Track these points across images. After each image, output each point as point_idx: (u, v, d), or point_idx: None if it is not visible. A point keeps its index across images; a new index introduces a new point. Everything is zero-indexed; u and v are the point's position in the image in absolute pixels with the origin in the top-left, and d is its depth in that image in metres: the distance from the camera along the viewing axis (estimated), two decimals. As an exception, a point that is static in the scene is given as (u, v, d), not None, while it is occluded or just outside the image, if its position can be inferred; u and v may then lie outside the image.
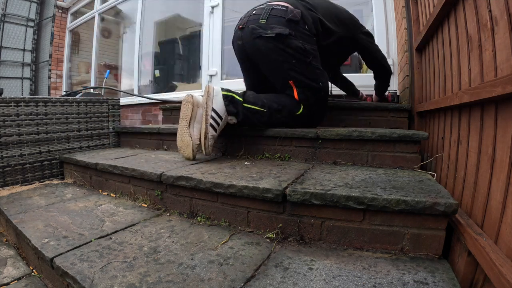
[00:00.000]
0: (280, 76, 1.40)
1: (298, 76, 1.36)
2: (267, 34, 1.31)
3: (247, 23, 1.40)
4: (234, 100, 1.32)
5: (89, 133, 1.95)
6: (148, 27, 3.66)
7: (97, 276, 0.70)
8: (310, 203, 0.86)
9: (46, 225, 1.03)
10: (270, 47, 1.33)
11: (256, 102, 1.35)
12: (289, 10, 1.35)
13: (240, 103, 1.32)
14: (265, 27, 1.33)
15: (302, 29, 1.35)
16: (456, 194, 0.91)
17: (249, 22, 1.39)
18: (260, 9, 1.40)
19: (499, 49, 0.67)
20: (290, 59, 1.33)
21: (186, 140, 1.34)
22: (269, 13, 1.35)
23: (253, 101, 1.35)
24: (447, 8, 1.06)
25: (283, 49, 1.32)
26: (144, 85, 3.71)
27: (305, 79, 1.37)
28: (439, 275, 0.69)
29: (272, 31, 1.31)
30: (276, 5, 1.38)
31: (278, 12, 1.35)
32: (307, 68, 1.36)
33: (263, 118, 1.36)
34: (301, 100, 1.39)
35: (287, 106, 1.39)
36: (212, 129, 1.27)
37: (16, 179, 1.61)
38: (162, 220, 1.08)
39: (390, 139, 1.19)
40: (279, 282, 0.68)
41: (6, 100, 1.56)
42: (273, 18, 1.34)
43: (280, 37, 1.30)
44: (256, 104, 1.34)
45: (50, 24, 4.63)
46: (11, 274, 0.91)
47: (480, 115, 0.78)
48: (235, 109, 1.31)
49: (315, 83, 1.38)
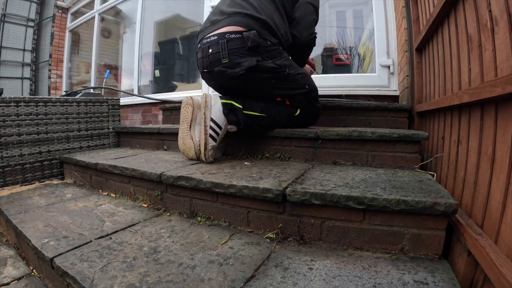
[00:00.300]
0: (267, 96, 1.38)
1: (283, 91, 1.35)
2: (238, 73, 1.25)
3: (210, 65, 1.33)
4: (234, 107, 1.30)
5: (89, 133, 1.95)
6: (148, 27, 3.66)
7: (97, 276, 0.70)
8: (310, 203, 0.86)
9: (46, 225, 1.03)
10: (246, 80, 1.29)
11: (255, 108, 1.33)
12: (245, 36, 1.25)
13: (240, 110, 1.30)
14: (231, 65, 1.27)
15: (266, 48, 1.28)
16: (456, 194, 0.91)
17: (211, 64, 1.32)
18: (214, 45, 1.29)
19: (499, 49, 0.67)
20: (269, 81, 1.31)
21: (188, 143, 1.33)
22: (227, 47, 1.26)
23: (252, 107, 1.33)
24: (447, 8, 1.06)
25: (259, 77, 1.29)
26: (144, 85, 3.71)
27: (291, 91, 1.36)
28: (439, 275, 0.69)
29: (240, 68, 1.25)
30: (229, 34, 1.26)
31: (235, 43, 1.26)
32: (288, 80, 1.33)
33: (263, 122, 1.35)
34: (295, 106, 1.40)
35: (285, 109, 1.40)
36: (211, 140, 1.26)
37: (16, 179, 1.61)
38: (162, 220, 1.08)
39: (390, 139, 1.19)
40: (279, 282, 0.68)
41: (6, 100, 1.56)
42: (233, 52, 1.26)
43: (250, 70, 1.25)
44: (256, 110, 1.33)
45: (50, 24, 4.63)
46: (11, 274, 0.91)
47: (480, 115, 0.78)
48: (236, 117, 1.30)
49: (302, 89, 1.37)
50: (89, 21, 4.50)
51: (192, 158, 1.38)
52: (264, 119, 1.35)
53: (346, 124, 1.80)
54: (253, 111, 1.32)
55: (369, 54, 2.40)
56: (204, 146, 1.26)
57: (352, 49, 2.60)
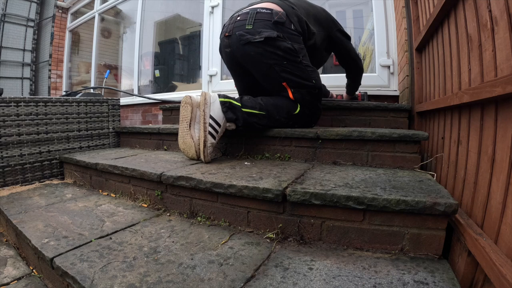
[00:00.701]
0: (273, 79, 1.39)
1: (291, 76, 1.35)
2: (255, 39, 1.30)
3: (233, 30, 1.38)
4: (232, 105, 1.31)
5: (89, 133, 1.95)
6: (148, 27, 3.67)
7: (97, 276, 0.70)
8: (310, 203, 0.86)
9: (46, 225, 1.03)
10: (260, 52, 1.32)
11: (254, 106, 1.34)
12: (274, 12, 1.33)
13: (238, 108, 1.31)
14: (252, 32, 1.32)
15: (289, 30, 1.34)
16: (456, 194, 0.91)
17: (235, 29, 1.37)
18: (244, 14, 1.37)
19: (499, 49, 0.67)
20: (281, 61, 1.32)
21: (188, 142, 1.34)
22: (255, 17, 1.34)
23: (251, 105, 1.34)
24: (447, 8, 1.06)
25: (273, 52, 1.31)
26: (144, 85, 3.71)
27: (298, 79, 1.36)
28: (439, 275, 0.69)
29: (260, 35, 1.30)
30: (260, 9, 1.36)
31: (263, 15, 1.34)
32: (298, 68, 1.35)
33: (262, 121, 1.36)
34: (297, 99, 1.40)
35: (285, 107, 1.39)
36: (211, 137, 1.27)
37: (16, 179, 1.61)
38: (162, 220, 1.08)
39: (390, 139, 1.19)
40: (279, 282, 0.68)
41: (6, 100, 1.56)
42: (259, 22, 1.32)
43: (269, 41, 1.29)
44: (255, 107, 1.34)
45: (50, 24, 4.63)
46: (11, 274, 0.91)
47: (480, 115, 0.78)
48: (234, 115, 1.30)
49: (308, 81, 1.38)
50: (89, 21, 4.50)
51: (192, 157, 1.38)
52: (264, 117, 1.36)
53: (346, 124, 1.80)
54: (252, 109, 1.33)
55: (369, 54, 2.40)
56: (204, 143, 1.26)
57: (352, 49, 2.60)
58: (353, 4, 2.63)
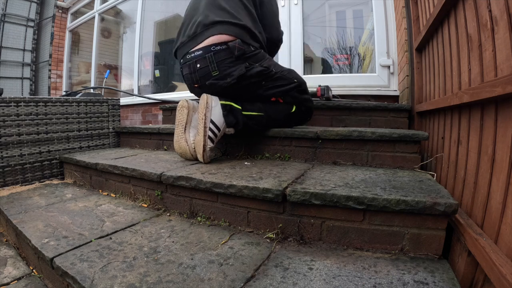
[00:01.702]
0: (262, 99, 1.40)
1: (275, 90, 1.36)
2: (230, 83, 1.28)
3: (201, 80, 1.34)
4: (233, 108, 1.30)
5: (89, 133, 1.95)
6: (148, 27, 3.67)
7: (97, 276, 0.70)
8: (310, 203, 0.86)
9: (46, 225, 1.03)
10: (238, 87, 1.31)
11: (253, 108, 1.35)
12: (231, 46, 1.26)
13: (239, 111, 1.31)
14: (222, 77, 1.29)
15: (251, 52, 1.31)
16: (456, 194, 0.91)
17: (202, 79, 1.34)
18: (201, 60, 1.30)
19: (499, 49, 0.67)
20: (260, 84, 1.33)
21: (183, 146, 1.33)
22: (215, 60, 1.28)
23: (250, 107, 1.34)
24: (447, 8, 1.06)
25: (249, 82, 1.31)
26: (144, 85, 3.71)
27: (283, 88, 1.37)
28: (439, 275, 0.69)
29: (231, 78, 1.27)
30: (214, 47, 1.27)
31: (222, 55, 1.27)
32: (277, 79, 1.36)
33: (262, 121, 1.36)
34: (289, 102, 1.42)
35: (282, 107, 1.42)
36: (210, 141, 1.26)
37: (16, 179, 1.61)
38: (162, 220, 1.08)
39: (390, 139, 1.19)
40: (279, 282, 0.68)
41: (6, 100, 1.56)
42: (221, 63, 1.28)
43: (241, 78, 1.28)
44: (254, 110, 1.35)
45: (50, 24, 4.63)
46: (11, 274, 0.91)
47: (480, 115, 0.78)
48: (235, 118, 1.30)
49: (292, 83, 1.39)
50: (89, 21, 4.50)
51: (189, 159, 1.39)
52: (263, 118, 1.37)
53: (346, 124, 1.80)
54: (251, 111, 1.34)
55: (369, 54, 2.40)
56: (203, 147, 1.25)
57: (352, 49, 2.60)
58: (353, 4, 2.63)
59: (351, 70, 2.62)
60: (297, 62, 2.43)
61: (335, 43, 2.65)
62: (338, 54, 2.67)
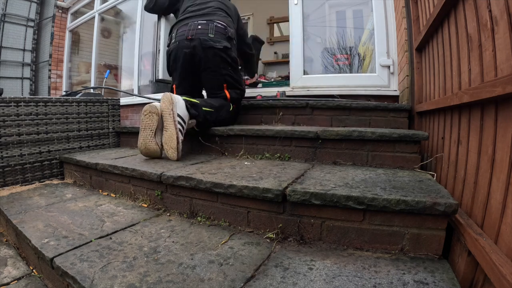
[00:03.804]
0: (218, 80, 1.70)
1: (231, 79, 1.70)
2: (216, 46, 1.62)
3: (196, 35, 1.65)
4: (194, 103, 1.51)
5: (89, 133, 1.95)
6: (148, 27, 3.66)
7: (97, 276, 0.70)
8: (310, 203, 0.86)
9: (46, 225, 1.03)
10: (217, 55, 1.64)
11: (206, 105, 1.59)
12: (227, 29, 1.68)
13: (199, 105, 1.52)
14: (214, 40, 1.63)
15: (234, 43, 1.72)
16: (456, 194, 0.91)
17: (197, 34, 1.65)
18: (204, 24, 1.66)
19: (499, 49, 0.67)
20: (228, 66, 1.68)
21: (153, 148, 1.43)
22: (214, 29, 1.65)
23: (204, 104, 1.58)
24: (447, 8, 1.06)
25: (225, 58, 1.65)
26: (144, 85, 3.70)
27: (235, 83, 1.73)
28: (439, 275, 0.69)
29: (220, 44, 1.63)
30: (217, 23, 1.68)
31: (220, 29, 1.66)
32: (237, 74, 1.73)
33: (212, 117, 1.59)
34: (232, 99, 1.73)
35: (224, 105, 1.70)
36: (180, 134, 1.38)
37: (16, 179, 1.61)
38: (162, 220, 1.08)
39: (390, 139, 1.19)
40: (279, 282, 0.68)
41: (6, 100, 1.56)
42: (218, 33, 1.65)
43: (225, 49, 1.64)
44: (207, 106, 1.59)
45: (50, 24, 4.63)
46: (11, 274, 0.91)
47: (480, 115, 0.78)
48: (197, 111, 1.50)
49: (240, 86, 1.75)
50: (89, 21, 4.49)
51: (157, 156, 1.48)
52: (213, 114, 1.61)
53: (346, 124, 1.80)
54: (205, 107, 1.59)
55: (369, 54, 2.40)
56: (176, 140, 1.35)
57: (352, 49, 2.60)
58: (353, 4, 2.62)
59: (351, 70, 2.61)
60: (297, 62, 2.43)
61: (335, 43, 2.65)
62: (338, 54, 2.67)
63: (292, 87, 2.38)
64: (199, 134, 1.64)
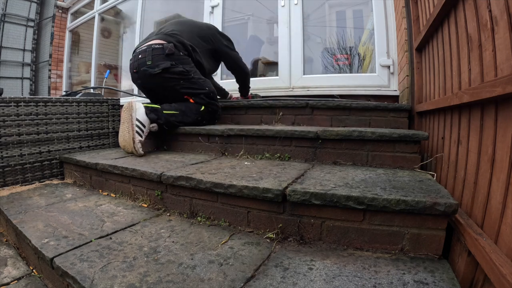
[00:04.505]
0: (177, 95, 1.76)
1: (189, 90, 1.75)
2: (155, 72, 1.67)
3: (138, 66, 1.74)
4: (154, 108, 1.64)
5: (89, 133, 1.95)
6: (148, 27, 3.66)
7: (97, 276, 0.70)
8: (310, 203, 0.86)
9: (46, 225, 1.03)
10: (161, 79, 1.70)
11: (171, 108, 1.69)
12: (164, 46, 1.70)
13: (160, 110, 1.65)
14: (152, 66, 1.69)
15: (179, 56, 1.72)
16: (456, 194, 0.91)
17: (139, 65, 1.73)
18: (143, 52, 1.73)
19: (499, 49, 0.67)
20: (178, 81, 1.71)
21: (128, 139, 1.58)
22: (151, 54, 1.70)
23: (168, 108, 1.69)
24: (447, 8, 1.06)
25: (171, 77, 1.70)
26: (144, 85, 3.70)
27: (195, 90, 1.76)
28: (439, 275, 0.69)
29: (158, 68, 1.68)
30: (154, 45, 1.72)
31: (157, 51, 1.70)
32: (192, 82, 1.75)
33: (178, 118, 1.70)
34: (198, 103, 1.78)
35: (192, 107, 1.76)
36: (138, 135, 1.56)
37: (16, 179, 1.61)
38: (162, 220, 1.08)
39: (390, 139, 1.19)
40: (279, 282, 0.68)
41: (6, 100, 1.56)
42: (156, 56, 1.70)
43: (165, 70, 1.68)
44: (171, 109, 1.69)
45: (50, 24, 4.63)
46: (11, 274, 0.91)
47: (480, 115, 0.78)
48: (156, 115, 1.63)
49: (203, 89, 1.77)
50: (89, 21, 4.49)
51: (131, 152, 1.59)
52: (179, 115, 1.70)
53: (346, 124, 1.80)
54: (169, 110, 1.68)
55: (369, 54, 2.40)
56: (133, 140, 1.53)
57: (352, 49, 2.60)
58: (353, 4, 2.63)
59: (351, 70, 2.61)
60: (297, 62, 2.43)
61: (335, 43, 2.65)
62: (338, 54, 2.67)
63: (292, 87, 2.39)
64: (199, 134, 1.64)
